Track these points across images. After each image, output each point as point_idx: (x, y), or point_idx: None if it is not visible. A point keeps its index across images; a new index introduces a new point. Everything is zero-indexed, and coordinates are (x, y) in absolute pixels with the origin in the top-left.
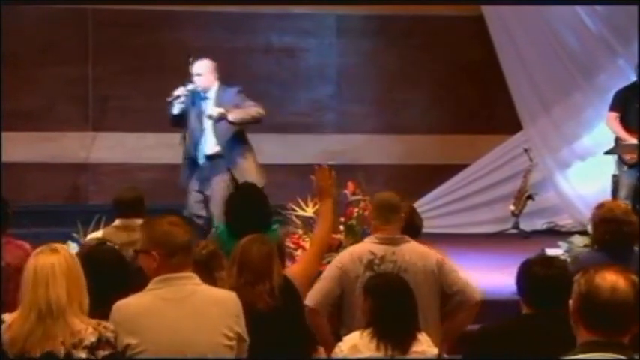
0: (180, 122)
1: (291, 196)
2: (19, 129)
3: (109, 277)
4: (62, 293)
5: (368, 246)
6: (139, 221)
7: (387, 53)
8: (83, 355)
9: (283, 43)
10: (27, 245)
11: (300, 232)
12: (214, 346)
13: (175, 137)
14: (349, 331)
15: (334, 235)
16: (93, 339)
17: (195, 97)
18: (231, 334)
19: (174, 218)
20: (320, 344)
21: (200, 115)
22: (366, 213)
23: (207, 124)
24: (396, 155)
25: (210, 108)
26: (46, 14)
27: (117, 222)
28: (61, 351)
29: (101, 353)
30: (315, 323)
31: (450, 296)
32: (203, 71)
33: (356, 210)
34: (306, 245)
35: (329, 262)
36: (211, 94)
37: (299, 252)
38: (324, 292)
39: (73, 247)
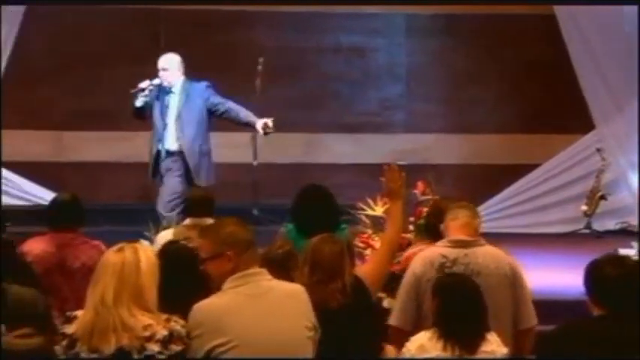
0: (142, 115)
1: (361, 196)
2: (93, 128)
3: (183, 274)
4: (110, 292)
5: (439, 250)
6: (209, 220)
7: (455, 52)
8: (156, 348)
9: (353, 43)
10: (102, 246)
11: (370, 231)
12: (299, 339)
13: (243, 136)
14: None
15: (404, 235)
16: (165, 333)
17: (161, 92)
18: (310, 325)
19: (232, 219)
20: None
21: (164, 109)
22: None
23: (170, 120)
24: (465, 155)
25: (268, 121)
26: (120, 14)
27: (187, 221)
28: (135, 344)
29: (174, 347)
30: (397, 341)
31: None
32: (169, 66)
33: (425, 209)
34: (376, 245)
35: (399, 262)
36: (177, 89)
37: (368, 251)
38: (405, 308)
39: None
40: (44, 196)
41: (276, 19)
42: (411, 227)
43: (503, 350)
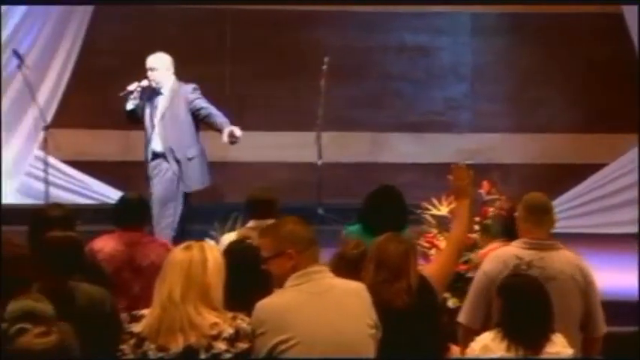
0: (134, 118)
1: (426, 195)
2: None
3: (249, 273)
4: (177, 289)
5: (514, 250)
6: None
7: (521, 51)
8: (223, 347)
9: (417, 42)
10: (169, 245)
11: (435, 231)
12: (362, 337)
13: (307, 136)
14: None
15: (469, 235)
16: (231, 331)
17: (151, 93)
18: (372, 323)
19: (293, 217)
20: None
21: (152, 111)
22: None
23: (157, 121)
24: (531, 154)
25: (235, 130)
26: (187, 14)
27: (250, 223)
28: (202, 343)
29: (240, 346)
30: (464, 339)
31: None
32: (158, 66)
33: (491, 209)
34: (441, 245)
35: (465, 262)
36: (165, 90)
37: (433, 251)
38: (474, 307)
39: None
40: (111, 194)
41: (341, 19)
42: (477, 227)
43: (569, 351)
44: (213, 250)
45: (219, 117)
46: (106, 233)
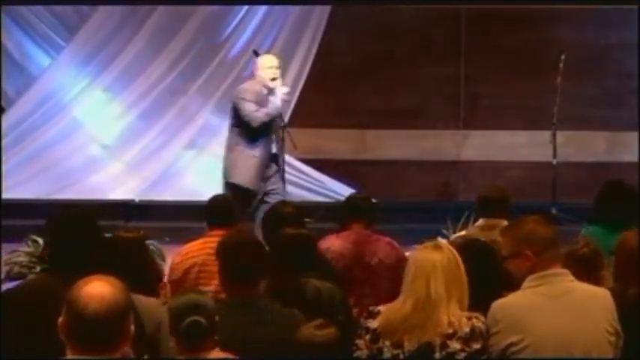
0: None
1: None
2: (395, 127)
3: (483, 272)
4: (441, 289)
5: None
6: (504, 222)
7: None
8: (457, 346)
9: None
10: (395, 243)
11: None
12: (598, 343)
13: (543, 135)
14: None
15: None
16: (467, 330)
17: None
18: (611, 330)
19: (535, 217)
20: None
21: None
22: None
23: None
24: None
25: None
26: (420, 14)
27: (481, 221)
28: (437, 341)
29: (474, 346)
30: None
31: None
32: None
33: None
34: None
35: None
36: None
37: None
38: None
39: None
40: (344, 192)
41: (578, 16)
42: None
43: None
44: (454, 251)
45: None
46: (335, 232)
